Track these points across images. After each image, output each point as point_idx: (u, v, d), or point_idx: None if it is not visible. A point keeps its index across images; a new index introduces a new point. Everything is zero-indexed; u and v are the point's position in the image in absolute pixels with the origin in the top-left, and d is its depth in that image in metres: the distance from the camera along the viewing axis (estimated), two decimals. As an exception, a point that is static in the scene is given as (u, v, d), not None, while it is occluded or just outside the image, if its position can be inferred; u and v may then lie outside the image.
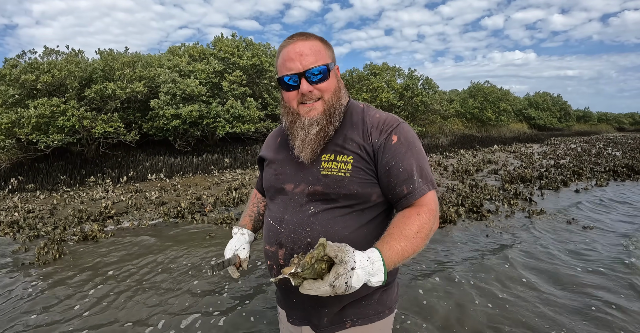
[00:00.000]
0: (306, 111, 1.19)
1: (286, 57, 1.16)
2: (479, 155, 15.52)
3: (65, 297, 3.42)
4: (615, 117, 54.73)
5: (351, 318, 1.24)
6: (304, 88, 1.15)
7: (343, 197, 1.16)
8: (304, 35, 1.19)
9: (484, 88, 26.27)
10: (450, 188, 8.21)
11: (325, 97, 1.18)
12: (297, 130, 1.20)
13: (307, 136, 1.18)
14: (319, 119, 1.18)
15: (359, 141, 1.18)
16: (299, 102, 1.19)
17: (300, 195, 1.21)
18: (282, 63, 1.18)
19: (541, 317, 3.02)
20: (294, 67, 1.14)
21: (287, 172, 1.27)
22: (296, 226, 1.19)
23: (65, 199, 7.39)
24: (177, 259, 4.32)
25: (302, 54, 1.14)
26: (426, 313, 3.08)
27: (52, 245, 4.71)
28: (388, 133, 1.18)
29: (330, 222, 1.16)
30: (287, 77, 1.16)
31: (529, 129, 32.51)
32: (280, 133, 1.39)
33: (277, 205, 1.28)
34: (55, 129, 8.89)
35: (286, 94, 1.21)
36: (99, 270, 4.03)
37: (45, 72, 9.46)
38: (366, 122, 1.21)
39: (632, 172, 10.86)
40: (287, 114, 1.25)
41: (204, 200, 7.12)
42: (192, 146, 12.02)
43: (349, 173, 1.15)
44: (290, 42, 1.17)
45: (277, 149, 1.36)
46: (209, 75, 11.80)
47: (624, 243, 4.79)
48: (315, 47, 1.17)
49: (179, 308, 3.20)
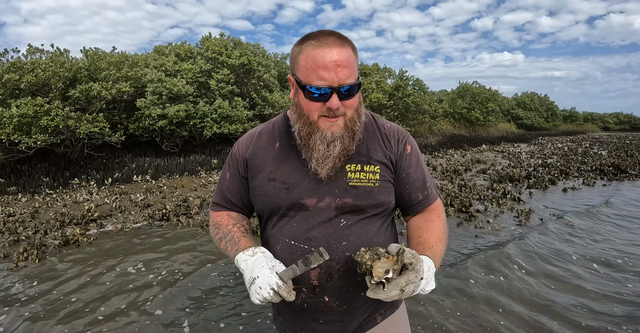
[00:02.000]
0: (328, 126, 1.08)
1: (320, 63, 1.01)
2: (467, 155, 15.59)
3: (38, 304, 3.30)
4: (601, 116, 55.58)
5: (380, 313, 1.27)
6: (333, 104, 1.03)
7: (373, 206, 1.16)
8: (340, 39, 1.05)
9: (472, 88, 26.48)
10: (439, 188, 8.20)
11: (348, 114, 1.09)
12: (316, 144, 1.09)
13: (329, 152, 1.09)
14: (341, 135, 1.09)
15: (383, 150, 1.20)
16: (321, 114, 1.08)
17: (326, 209, 1.13)
18: (312, 68, 1.02)
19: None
20: (329, 78, 1.01)
21: (304, 185, 1.13)
22: (330, 242, 1.12)
23: (47, 202, 7.21)
24: (158, 265, 4.22)
25: (339, 64, 1.01)
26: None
27: (32, 251, 4.57)
28: (404, 143, 1.23)
29: (364, 232, 1.16)
30: (318, 88, 1.03)
31: (517, 128, 32.84)
32: (277, 137, 1.22)
33: (294, 222, 1.15)
34: (38, 129, 8.67)
35: (308, 103, 1.07)
36: (78, 276, 3.90)
37: (29, 72, 9.23)
38: (383, 132, 1.23)
39: (618, 170, 10.99)
40: (301, 122, 1.11)
41: (190, 202, 7.00)
42: (179, 147, 11.86)
43: (378, 183, 1.16)
44: (325, 43, 1.03)
45: (279, 157, 1.18)
46: (196, 74, 11.65)
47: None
48: (351, 58, 1.05)
49: (158, 319, 3.10)
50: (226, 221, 1.27)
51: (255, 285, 1.02)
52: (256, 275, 1.04)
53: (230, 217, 1.28)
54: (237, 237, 1.19)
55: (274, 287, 1.00)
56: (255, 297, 1.03)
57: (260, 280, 1.02)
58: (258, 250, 1.11)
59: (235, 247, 1.16)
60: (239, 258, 1.12)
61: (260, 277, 1.03)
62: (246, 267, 1.08)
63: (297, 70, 1.07)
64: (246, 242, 1.17)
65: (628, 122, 59.61)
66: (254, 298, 1.04)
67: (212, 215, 1.33)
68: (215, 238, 1.27)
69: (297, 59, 1.07)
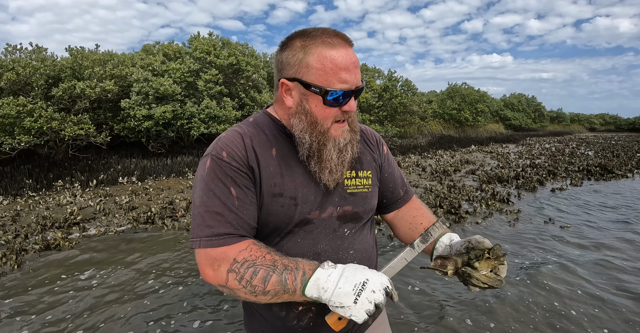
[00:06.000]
0: (340, 132, 1.01)
1: (342, 64, 0.93)
2: (456, 156, 15.65)
3: (15, 312, 3.17)
4: (587, 117, 56.39)
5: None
6: (353, 106, 0.98)
7: (368, 212, 1.15)
8: (344, 37, 0.98)
9: (462, 89, 26.64)
10: (428, 189, 8.18)
11: (352, 116, 1.04)
12: (330, 153, 0.99)
13: (341, 160, 1.02)
14: (350, 140, 1.03)
15: (371, 154, 1.19)
16: (335, 120, 1.00)
17: (329, 220, 1.06)
18: (332, 70, 0.93)
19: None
20: (351, 80, 0.95)
21: (309, 198, 1.02)
22: (339, 253, 1.07)
23: (30, 205, 7.01)
24: (141, 271, 4.11)
25: (357, 66, 0.96)
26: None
27: (11, 256, 4.42)
28: (382, 144, 1.26)
29: (364, 238, 1.15)
30: (342, 92, 0.95)
31: (505, 129, 33.12)
32: (270, 142, 1.04)
33: (298, 238, 1.03)
34: (22, 131, 8.46)
35: (325, 110, 0.97)
36: (57, 283, 3.78)
37: (9, 70, 9.00)
38: (364, 136, 1.22)
39: (604, 171, 11.11)
40: (315, 132, 0.98)
41: (176, 204, 6.87)
42: (166, 148, 11.68)
43: (370, 188, 1.14)
44: (338, 43, 0.95)
45: (281, 167, 1.02)
46: (184, 74, 11.50)
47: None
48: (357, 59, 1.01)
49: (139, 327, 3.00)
50: (258, 252, 0.93)
51: (367, 290, 0.85)
52: (364, 278, 0.86)
53: (259, 246, 0.95)
54: (290, 261, 0.92)
55: (388, 285, 0.87)
56: (365, 308, 0.84)
57: (371, 283, 0.86)
58: (331, 263, 0.92)
59: (299, 272, 0.90)
60: (319, 277, 0.88)
61: (370, 279, 0.86)
62: (337, 280, 0.87)
63: (305, 73, 0.95)
64: (305, 263, 0.92)
65: (613, 122, 60.59)
66: (363, 309, 0.84)
67: (228, 253, 0.92)
68: (252, 282, 0.90)
69: (305, 61, 0.94)
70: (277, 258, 0.92)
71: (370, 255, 1.17)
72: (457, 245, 1.04)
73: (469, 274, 0.94)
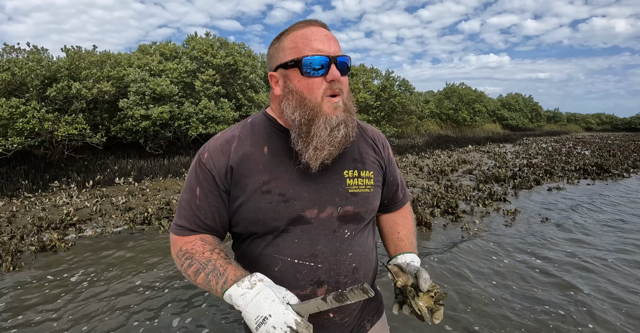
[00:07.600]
0: (333, 108, 0.97)
1: (312, 36, 0.96)
2: (454, 156, 15.67)
3: (9, 314, 3.15)
4: (583, 117, 56.66)
5: (368, 319, 1.23)
6: (335, 74, 0.95)
7: (369, 213, 1.13)
8: (319, 22, 1.02)
9: (459, 89, 26.71)
10: (425, 189, 8.19)
11: (344, 92, 1.01)
12: (319, 129, 0.96)
13: (330, 138, 0.96)
14: (344, 119, 0.98)
15: (374, 155, 1.17)
16: (325, 94, 0.97)
17: (329, 220, 1.03)
18: (303, 43, 0.96)
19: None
20: (325, 48, 0.96)
21: (302, 195, 1.01)
22: (337, 255, 1.04)
23: (26, 206, 6.98)
24: (136, 272, 4.09)
25: (330, 38, 0.99)
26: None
27: (7, 257, 4.39)
28: (387, 147, 1.25)
29: (364, 240, 1.13)
30: (316, 58, 0.94)
31: (502, 129, 33.23)
32: (262, 140, 1.05)
33: (295, 238, 1.02)
34: (14, 132, 8.41)
35: (308, 81, 0.96)
36: (53, 284, 3.76)
37: (5, 70, 8.95)
38: (369, 135, 1.21)
39: (601, 170, 11.15)
40: (301, 108, 0.97)
41: (173, 205, 6.85)
42: (164, 148, 11.65)
43: (372, 188, 1.12)
44: (310, 24, 1.00)
45: (271, 164, 1.02)
46: (181, 74, 11.47)
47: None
48: (336, 38, 1.02)
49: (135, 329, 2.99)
50: (201, 247, 1.01)
51: (267, 325, 0.83)
52: (267, 313, 0.84)
53: (205, 242, 1.02)
54: (221, 265, 0.95)
55: (292, 326, 0.82)
56: None
57: (274, 319, 0.83)
58: (256, 279, 0.90)
59: (221, 278, 0.92)
60: (232, 293, 0.89)
61: (273, 315, 0.83)
62: (247, 303, 0.86)
63: (282, 57, 0.99)
64: (234, 270, 0.94)
65: (610, 122, 60.91)
66: None
67: (178, 242, 1.05)
68: (187, 271, 1.00)
69: (281, 46, 1.00)
70: (213, 258, 0.97)
71: (370, 258, 1.15)
72: (411, 268, 1.07)
73: (412, 297, 1.02)
